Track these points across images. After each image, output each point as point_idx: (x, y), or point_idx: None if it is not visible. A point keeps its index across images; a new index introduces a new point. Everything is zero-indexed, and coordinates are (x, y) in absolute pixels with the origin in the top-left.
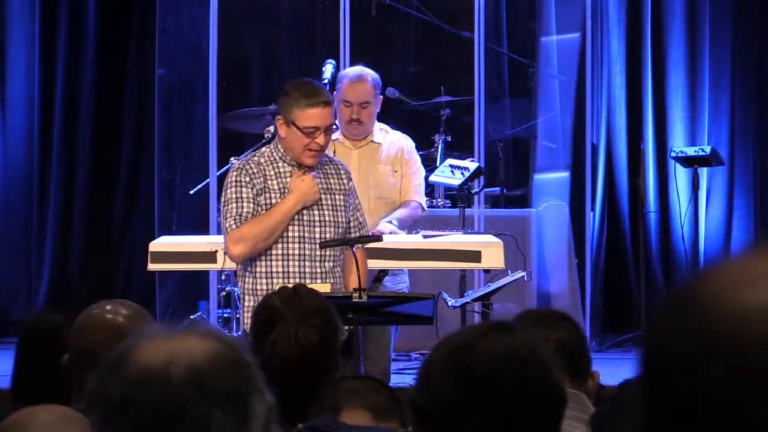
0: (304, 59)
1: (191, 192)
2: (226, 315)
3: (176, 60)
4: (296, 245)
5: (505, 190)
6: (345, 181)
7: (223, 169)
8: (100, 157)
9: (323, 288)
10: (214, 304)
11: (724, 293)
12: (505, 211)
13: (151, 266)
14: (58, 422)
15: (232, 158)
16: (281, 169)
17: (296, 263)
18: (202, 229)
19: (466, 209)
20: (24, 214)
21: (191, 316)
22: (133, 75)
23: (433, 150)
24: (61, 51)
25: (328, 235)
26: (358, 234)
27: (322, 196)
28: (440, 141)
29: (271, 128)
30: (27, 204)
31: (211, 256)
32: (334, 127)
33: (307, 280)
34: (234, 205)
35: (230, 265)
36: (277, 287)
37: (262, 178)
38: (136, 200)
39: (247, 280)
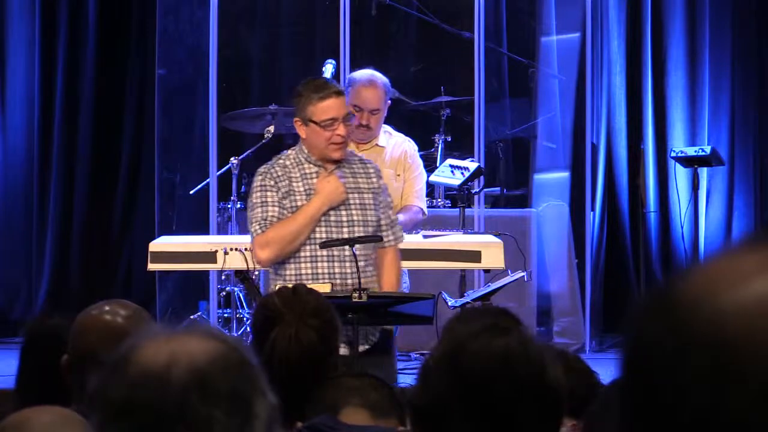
0: (304, 59)
1: (191, 192)
2: (226, 315)
3: (176, 60)
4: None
5: (505, 190)
6: (374, 179)
7: (223, 169)
8: (100, 157)
9: (323, 288)
10: (214, 304)
11: (705, 293)
12: (505, 211)
13: (151, 266)
14: (57, 423)
15: (232, 158)
16: (307, 171)
17: (325, 264)
18: (202, 229)
19: (466, 209)
20: (24, 213)
21: (191, 316)
22: (133, 75)
23: (433, 150)
24: (61, 51)
25: (357, 235)
26: (391, 232)
27: (350, 195)
28: (440, 141)
29: (271, 128)
30: (27, 204)
31: (211, 256)
32: (351, 116)
33: (337, 281)
34: (259, 209)
35: (230, 265)
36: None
37: (287, 181)
38: (136, 200)
39: (277, 283)
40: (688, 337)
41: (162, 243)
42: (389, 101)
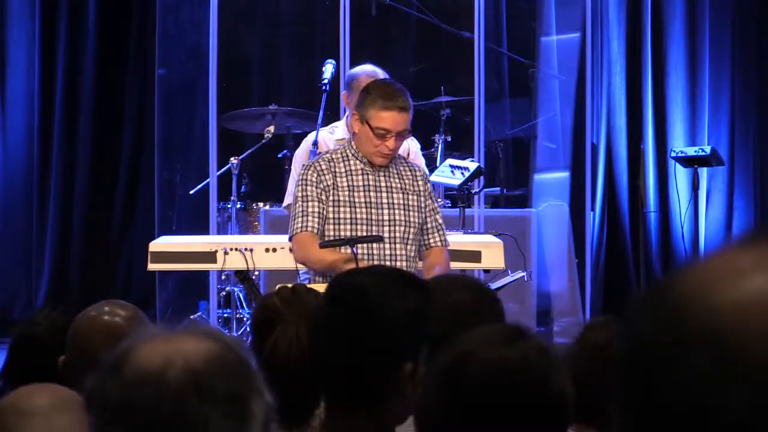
0: (304, 59)
1: (191, 192)
2: (226, 315)
3: (176, 60)
4: (372, 246)
5: (505, 190)
6: (420, 182)
7: (223, 169)
8: (100, 157)
9: (323, 288)
10: (214, 304)
11: (701, 289)
12: (505, 211)
13: (151, 266)
14: (57, 407)
15: (232, 158)
16: (352, 167)
17: (363, 264)
18: (202, 229)
19: (466, 209)
20: (24, 214)
21: (191, 316)
22: (133, 75)
23: (433, 150)
24: (61, 51)
25: (398, 235)
26: (437, 235)
27: (395, 195)
28: (440, 141)
29: (271, 128)
30: (27, 204)
31: (211, 256)
32: (408, 133)
33: None
34: (300, 204)
35: (230, 265)
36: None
37: (331, 175)
38: (136, 200)
39: (315, 277)
40: (684, 334)
41: (162, 243)
42: None
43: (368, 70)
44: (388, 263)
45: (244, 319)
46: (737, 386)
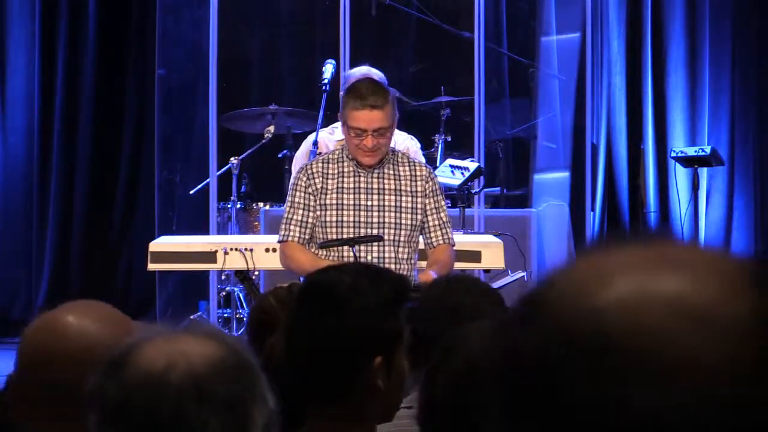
0: (304, 59)
1: (191, 192)
2: (226, 315)
3: (176, 60)
4: (360, 248)
5: (505, 190)
6: (419, 182)
7: (223, 169)
8: (100, 157)
9: None
10: (214, 304)
11: (579, 293)
12: (505, 211)
13: (151, 266)
14: (96, 325)
15: (232, 158)
16: (345, 169)
17: None
18: (202, 229)
19: (466, 209)
20: (24, 214)
21: (191, 316)
22: (133, 75)
23: (433, 150)
24: (61, 51)
25: (386, 238)
26: (440, 233)
27: (386, 197)
28: (440, 141)
29: (271, 128)
30: (27, 204)
31: (211, 256)
32: (387, 130)
33: None
34: (287, 211)
35: (230, 265)
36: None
37: (321, 179)
38: (136, 200)
39: None
40: (570, 339)
41: (162, 243)
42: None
43: (363, 71)
44: (384, 266)
45: (244, 319)
46: (631, 384)
